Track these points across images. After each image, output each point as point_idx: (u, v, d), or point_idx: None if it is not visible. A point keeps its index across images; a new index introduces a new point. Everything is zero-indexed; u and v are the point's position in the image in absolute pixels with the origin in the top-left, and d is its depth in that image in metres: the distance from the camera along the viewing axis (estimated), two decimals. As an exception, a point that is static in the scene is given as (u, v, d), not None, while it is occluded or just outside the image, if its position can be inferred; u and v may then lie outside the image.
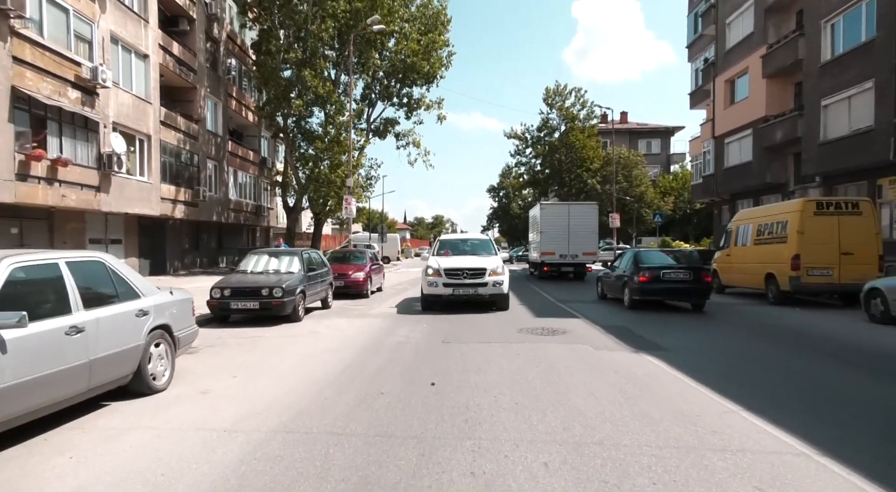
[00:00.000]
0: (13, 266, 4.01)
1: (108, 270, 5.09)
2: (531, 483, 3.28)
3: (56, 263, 4.47)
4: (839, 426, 4.40)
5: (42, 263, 4.36)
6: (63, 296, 4.36)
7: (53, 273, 4.39)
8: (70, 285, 4.45)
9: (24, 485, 3.33)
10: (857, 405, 5.07)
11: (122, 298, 5.06)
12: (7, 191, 13.27)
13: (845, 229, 12.44)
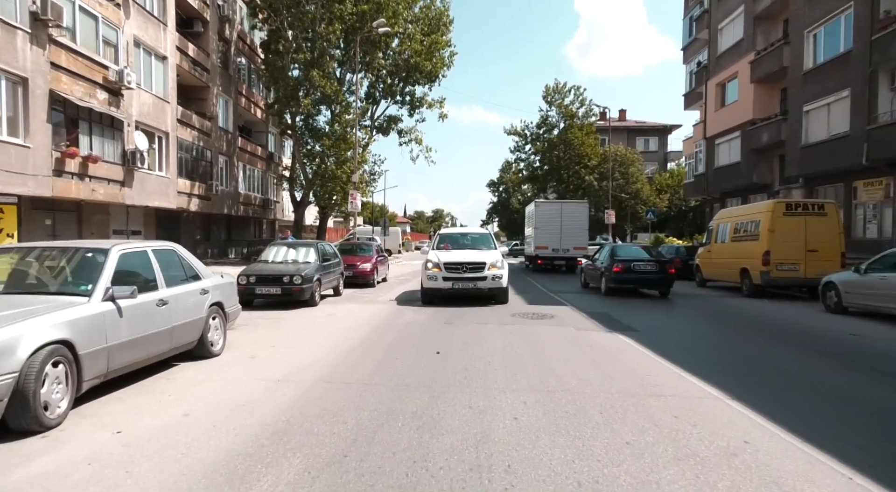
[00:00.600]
0: (120, 252, 5.24)
1: (179, 256, 6.33)
2: (512, 413, 4.52)
3: (145, 251, 5.70)
4: (756, 385, 5.64)
5: (137, 250, 5.59)
6: (152, 276, 5.59)
7: (144, 258, 5.63)
8: (156, 268, 5.68)
9: (146, 410, 4.57)
10: (778, 372, 6.32)
11: (189, 279, 6.30)
12: (46, 186, 14.48)
13: (811, 229, 13.68)
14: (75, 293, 4.74)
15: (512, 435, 3.99)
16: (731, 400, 4.92)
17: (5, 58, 13.01)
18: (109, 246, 5.26)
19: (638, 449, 3.73)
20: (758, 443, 3.88)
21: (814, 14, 20.61)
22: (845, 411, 4.81)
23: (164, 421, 4.30)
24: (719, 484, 3.21)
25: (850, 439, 3.98)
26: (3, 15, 12.95)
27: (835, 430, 4.20)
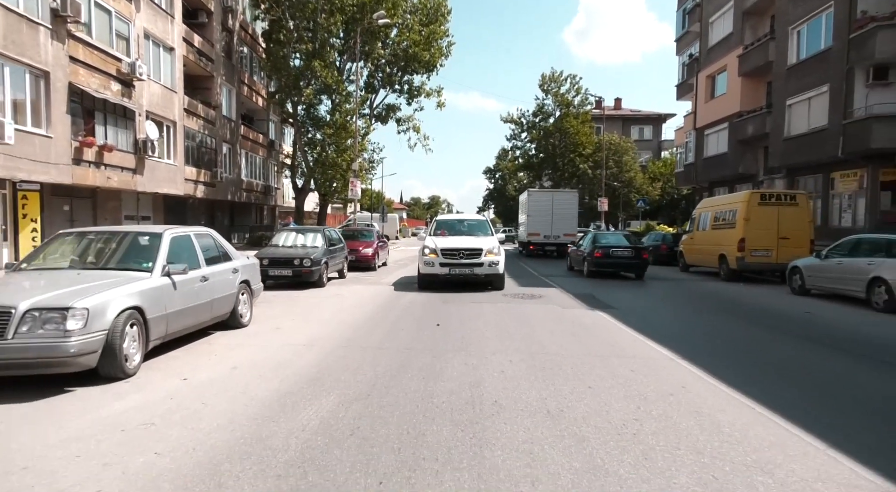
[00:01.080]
0: (171, 236, 6.21)
1: (214, 239, 7.29)
2: (500, 368, 5.53)
3: (189, 235, 6.67)
4: (707, 350, 6.68)
5: (183, 234, 6.55)
6: (195, 256, 6.55)
7: (188, 241, 6.59)
8: (197, 249, 6.65)
9: (200, 365, 5.56)
10: (730, 341, 7.37)
11: (223, 259, 7.26)
12: (66, 174, 15.34)
13: (783, 218, 14.72)
14: (139, 269, 5.71)
15: (499, 382, 5.01)
16: (682, 360, 5.96)
17: (29, 53, 13.79)
18: (162, 231, 6.22)
19: (597, 391, 4.76)
20: (692, 387, 4.92)
21: (797, 11, 21.47)
22: (774, 368, 5.86)
23: (217, 373, 5.31)
24: (654, 412, 4.23)
25: (766, 386, 5.02)
26: (27, 12, 13.70)
27: (758, 380, 5.23)
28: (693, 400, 4.56)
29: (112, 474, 3.11)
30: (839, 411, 4.47)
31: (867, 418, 4.30)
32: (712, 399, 4.59)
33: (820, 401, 4.72)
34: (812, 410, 4.39)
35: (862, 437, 3.83)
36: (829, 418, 4.21)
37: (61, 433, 3.73)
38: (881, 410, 4.55)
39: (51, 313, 4.45)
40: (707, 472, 3.19)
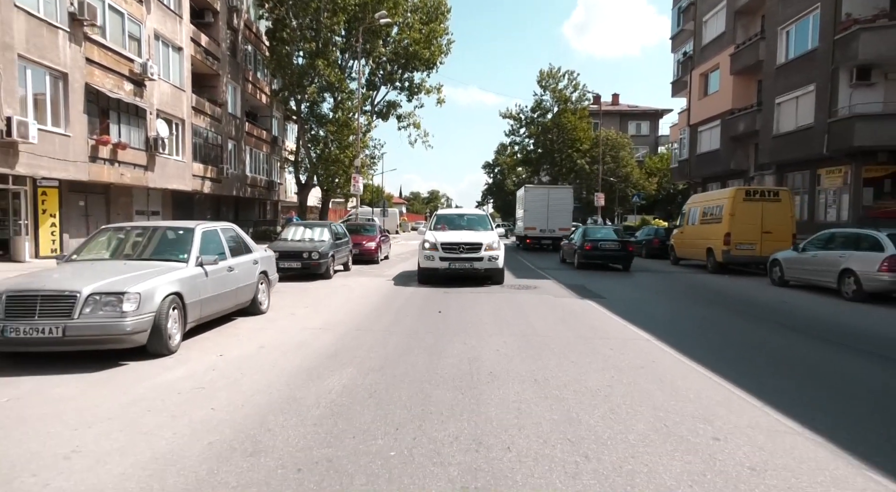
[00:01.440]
0: (201, 230, 6.95)
1: (237, 233, 8.03)
2: (495, 347, 6.28)
3: (216, 229, 7.40)
4: (681, 333, 7.44)
5: (211, 229, 7.29)
6: (222, 248, 7.29)
7: (216, 235, 7.33)
8: (224, 242, 7.39)
9: (231, 345, 6.31)
10: (705, 326, 8.13)
11: (245, 252, 8.00)
12: (83, 171, 16.04)
13: (767, 213, 15.48)
14: (176, 260, 6.45)
15: (494, 358, 5.77)
16: (656, 341, 6.72)
17: (49, 56, 14.47)
18: (194, 225, 6.96)
19: (578, 365, 5.52)
20: (660, 361, 5.68)
21: (786, 12, 22.13)
22: (738, 346, 6.63)
23: (247, 351, 6.06)
24: (624, 380, 4.99)
25: (727, 361, 5.78)
26: (47, 16, 14.36)
27: (720, 357, 5.99)
28: (659, 371, 5.32)
29: (180, 423, 3.86)
30: (786, 379, 5.23)
31: (805, 382, 5.06)
32: (676, 370, 5.35)
33: (771, 372, 5.49)
34: (762, 379, 5.15)
35: (797, 397, 4.59)
36: (774, 385, 4.97)
37: (129, 395, 4.48)
38: (823, 378, 5.31)
39: (109, 297, 5.20)
40: (660, 422, 3.95)
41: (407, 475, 3.07)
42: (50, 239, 15.58)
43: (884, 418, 4.21)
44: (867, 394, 4.89)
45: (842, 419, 4.11)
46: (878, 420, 4.16)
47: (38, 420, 3.91)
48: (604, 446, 3.50)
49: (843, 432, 3.79)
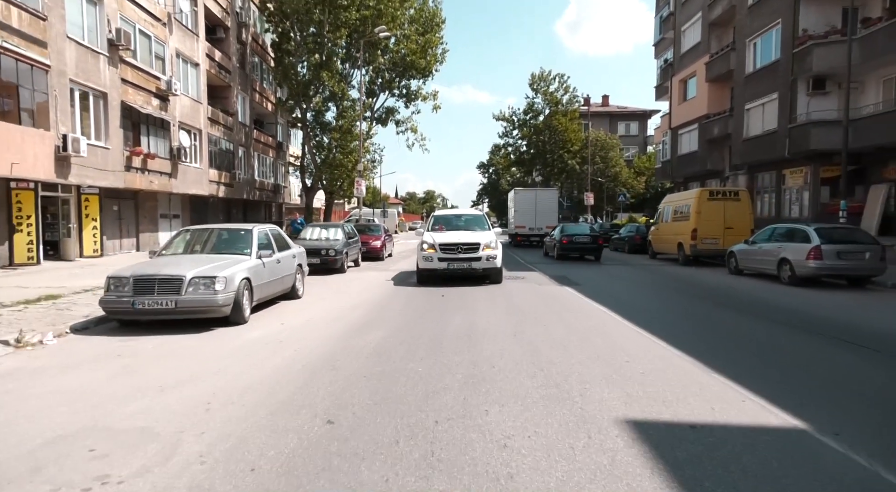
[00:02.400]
0: (257, 230, 8.91)
1: (280, 232, 10.00)
2: (487, 319, 8.24)
3: (266, 230, 9.36)
4: (634, 308, 9.43)
5: (262, 229, 9.25)
6: (270, 244, 9.24)
7: (266, 234, 9.28)
8: (271, 239, 9.34)
9: (284, 318, 8.25)
10: (657, 304, 10.12)
11: (286, 248, 9.96)
12: (119, 179, 17.93)
13: (728, 211, 17.49)
14: (241, 253, 8.40)
15: (486, 324, 7.74)
16: (611, 313, 8.71)
17: (93, 78, 16.35)
18: (252, 227, 8.93)
19: (547, 327, 7.49)
20: (610, 326, 7.68)
21: (753, 25, 24.20)
22: (680, 318, 8.62)
23: (299, 321, 8.02)
24: (579, 335, 6.97)
25: (665, 327, 7.75)
26: (91, 44, 16.24)
27: (662, 324, 7.97)
28: (606, 330, 7.31)
29: (278, 357, 5.82)
30: (701, 337, 7.22)
31: (713, 338, 7.05)
32: (619, 330, 7.35)
33: (691, 332, 7.47)
34: (682, 337, 7.11)
35: (700, 345, 6.56)
36: (688, 339, 6.94)
37: (231, 346, 6.44)
38: (729, 336, 7.31)
39: (205, 280, 7.15)
40: (595, 354, 5.93)
41: (431, 380, 5.04)
42: (92, 240, 17.46)
43: (753, 354, 6.20)
44: (754, 345, 6.87)
45: (724, 356, 6.08)
46: (747, 355, 6.16)
47: (186, 357, 5.88)
48: (553, 365, 5.49)
49: (719, 361, 5.75)
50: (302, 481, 3.08)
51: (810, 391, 4.78)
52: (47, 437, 3.73)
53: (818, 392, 4.79)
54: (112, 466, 3.27)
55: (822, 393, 4.78)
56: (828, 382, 5.15)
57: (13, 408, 4.40)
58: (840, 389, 4.93)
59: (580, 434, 3.72)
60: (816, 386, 4.98)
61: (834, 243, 11.82)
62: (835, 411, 4.24)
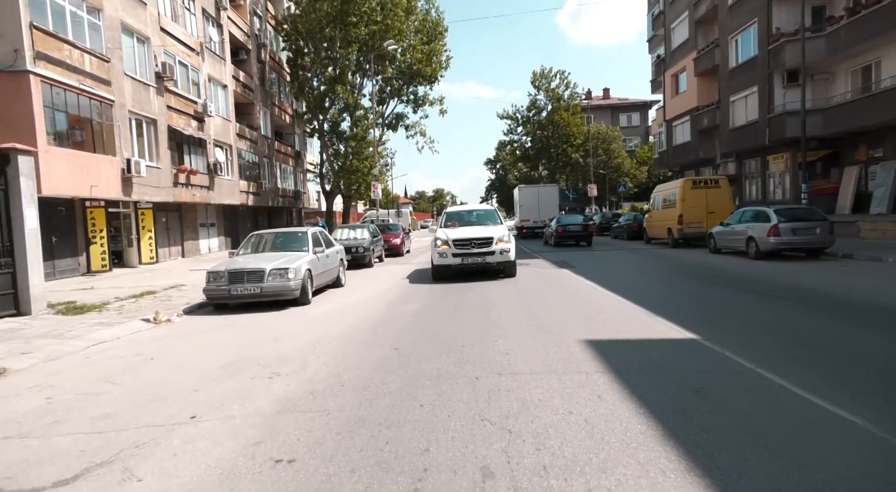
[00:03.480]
0: (311, 231, 11.23)
1: (325, 233, 12.31)
2: (498, 293, 10.47)
3: (317, 231, 11.69)
4: (619, 283, 11.60)
5: (314, 231, 11.57)
6: (321, 242, 11.54)
7: (317, 235, 11.60)
8: (321, 239, 11.65)
9: (336, 300, 10.54)
10: (641, 278, 12.28)
11: (330, 245, 12.26)
12: (169, 194, 20.37)
13: (710, 197, 19.52)
14: (300, 250, 10.71)
15: (497, 297, 9.96)
16: (597, 286, 10.88)
17: (145, 108, 18.78)
18: (306, 229, 11.27)
19: (544, 297, 9.70)
20: (593, 294, 9.87)
21: (734, 24, 26.11)
22: (655, 287, 10.77)
23: (349, 301, 10.30)
24: (567, 300, 9.18)
25: (639, 294, 9.91)
26: (142, 78, 18.66)
27: (638, 293, 10.13)
28: (589, 296, 9.51)
29: (343, 323, 8.10)
30: (667, 300, 9.38)
31: (676, 299, 9.20)
32: (601, 297, 9.53)
33: (659, 297, 9.63)
34: (650, 299, 9.26)
35: (661, 304, 8.72)
36: (654, 301, 9.10)
37: (305, 318, 8.74)
38: (693, 300, 9.46)
39: (281, 271, 9.46)
40: (577, 311, 8.13)
41: (458, 328, 7.25)
42: (149, 249, 19.92)
43: (693, 306, 8.37)
44: (700, 301, 9.01)
45: (670, 308, 8.23)
46: (688, 307, 8.32)
47: (278, 325, 8.20)
48: (544, 318, 7.70)
49: (665, 311, 7.91)
50: (388, 372, 5.33)
51: (720, 325, 6.94)
52: (223, 362, 6.04)
53: (726, 325, 6.95)
54: (276, 370, 5.56)
55: (730, 327, 6.94)
56: (740, 320, 7.30)
57: (184, 352, 6.72)
58: (743, 323, 7.08)
59: (553, 347, 5.94)
60: (727, 322, 7.15)
61: (790, 222, 13.88)
62: (725, 334, 6.39)
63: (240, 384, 5.16)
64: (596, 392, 4.40)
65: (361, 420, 4.03)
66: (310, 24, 29.91)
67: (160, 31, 19.85)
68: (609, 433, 3.58)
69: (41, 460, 3.64)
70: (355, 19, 30.11)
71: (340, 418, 4.11)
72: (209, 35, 24.15)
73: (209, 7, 24.46)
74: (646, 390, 4.39)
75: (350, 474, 3.20)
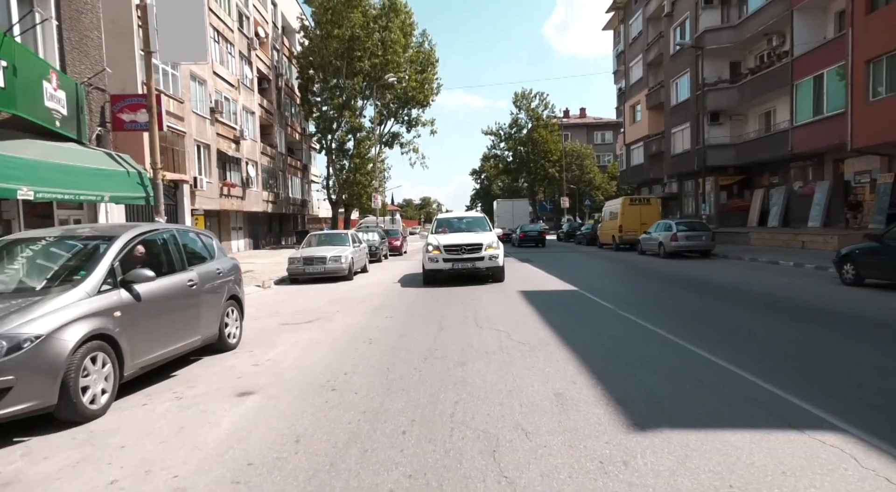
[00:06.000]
0: (350, 233, 16.54)
1: (354, 234, 17.62)
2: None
3: (348, 233, 17.03)
4: (561, 271, 17.03)
5: (351, 231, 16.87)
6: (356, 239, 16.83)
7: (347, 235, 16.92)
8: (350, 239, 16.96)
9: (364, 281, 15.81)
10: (579, 269, 17.76)
11: (357, 242, 17.54)
12: (217, 204, 25.44)
13: (643, 212, 25.12)
14: (343, 245, 15.98)
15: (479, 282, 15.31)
16: (544, 272, 16.27)
17: (204, 136, 23.88)
18: (345, 232, 16.59)
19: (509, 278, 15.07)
20: (541, 277, 15.26)
21: (673, 70, 31.97)
22: (586, 273, 16.20)
23: (374, 280, 15.55)
24: (521, 277, 14.56)
25: (574, 275, 15.30)
26: (202, 112, 23.79)
27: (571, 275, 15.52)
28: (534, 277, 14.89)
29: (381, 288, 13.37)
30: (584, 276, 14.76)
31: (591, 276, 14.60)
32: (540, 276, 14.92)
33: (584, 274, 15.01)
34: (573, 276, 14.60)
35: (577, 278, 14.10)
36: (577, 278, 14.48)
37: (352, 286, 13.99)
38: (600, 274, 14.88)
39: (336, 257, 14.73)
40: (524, 280, 13.49)
41: (451, 309, 12.57)
42: (200, 247, 24.92)
43: (594, 276, 13.77)
44: (601, 274, 14.39)
45: (580, 278, 13.59)
46: (591, 277, 13.72)
47: (338, 289, 13.46)
48: (504, 286, 13.07)
49: (575, 281, 13.28)
50: (416, 303, 10.61)
51: (607, 289, 12.31)
52: (327, 300, 11.29)
53: (611, 289, 12.30)
54: (338, 309, 10.82)
55: (615, 290, 12.28)
56: (623, 287, 12.67)
57: (301, 297, 11.94)
58: (625, 289, 12.47)
59: (505, 295, 11.30)
60: (613, 287, 12.53)
61: (686, 231, 19.46)
62: (606, 293, 11.74)
63: (345, 307, 10.43)
64: (517, 305, 9.75)
65: (412, 314, 9.34)
66: (321, 58, 35.25)
67: (213, 75, 24.97)
68: (518, 316, 8.92)
69: (289, 318, 8.88)
70: (360, 54, 35.51)
71: (403, 313, 9.43)
72: (244, 73, 29.31)
73: (244, 49, 29.64)
74: (541, 305, 9.76)
75: (412, 324, 8.49)
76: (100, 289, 4.56)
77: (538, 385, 4.92)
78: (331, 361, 6.11)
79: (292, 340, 7.44)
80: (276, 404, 4.63)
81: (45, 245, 5.04)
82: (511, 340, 6.98)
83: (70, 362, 4.05)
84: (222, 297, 6.51)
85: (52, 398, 3.99)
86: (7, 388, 3.75)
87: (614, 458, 3.36)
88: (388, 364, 5.88)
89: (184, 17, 10.22)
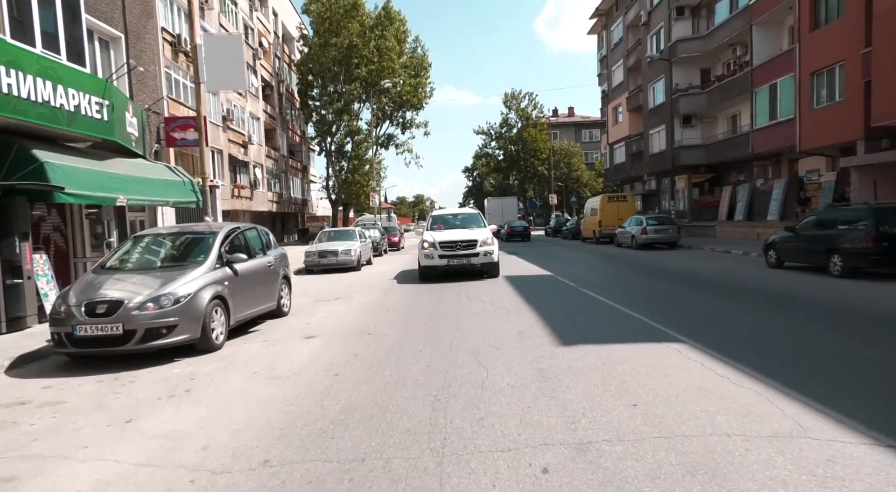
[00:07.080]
0: (357, 230, 18.84)
1: (363, 231, 19.90)
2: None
3: (358, 229, 19.30)
4: (546, 262, 19.40)
5: (357, 228, 19.15)
6: (362, 235, 19.13)
7: (358, 231, 19.21)
8: (362, 233, 19.25)
9: (375, 270, 18.10)
10: (560, 259, 20.13)
11: (364, 238, 19.83)
12: (229, 204, 27.59)
13: (620, 208, 27.51)
14: (352, 240, 18.28)
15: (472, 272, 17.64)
16: (532, 265, 18.61)
17: (217, 142, 26.03)
18: (355, 228, 18.86)
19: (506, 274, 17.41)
20: (530, 269, 17.63)
21: (650, 75, 34.37)
22: (570, 265, 18.56)
23: (382, 270, 17.85)
24: (508, 266, 16.92)
25: (558, 267, 17.65)
26: (216, 121, 25.93)
27: (555, 267, 17.86)
28: (519, 267, 17.24)
29: (389, 276, 15.69)
30: (560, 264, 17.12)
31: (566, 264, 16.95)
32: (524, 265, 17.28)
33: (567, 266, 17.36)
34: (551, 265, 16.94)
35: (556, 267, 16.44)
36: (554, 266, 16.81)
37: (363, 275, 16.28)
38: (575, 263, 17.23)
39: (346, 250, 17.04)
40: (510, 269, 15.84)
41: (448, 289, 14.88)
42: (215, 244, 27.10)
43: (568, 264, 16.12)
44: (576, 262, 16.75)
45: (556, 266, 15.94)
46: (565, 265, 16.08)
47: (350, 277, 15.75)
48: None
49: (552, 268, 15.61)
50: (418, 289, 12.92)
51: (579, 274, 14.66)
52: (345, 284, 13.57)
53: (582, 275, 14.65)
54: (355, 291, 13.11)
55: (585, 275, 14.64)
56: (593, 273, 15.03)
57: (322, 283, 14.21)
58: (594, 274, 14.83)
59: (491, 280, 13.62)
60: (585, 273, 14.88)
61: (655, 225, 21.87)
62: (576, 277, 14.09)
63: (360, 290, 12.72)
64: (501, 286, 12.09)
65: (417, 292, 11.68)
66: (320, 65, 37.40)
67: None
68: (500, 293, 11.26)
69: (318, 297, 11.17)
70: (357, 61, 37.68)
71: (409, 292, 11.75)
72: (251, 81, 31.43)
73: (250, 59, 31.72)
74: (520, 285, 12.09)
75: (418, 299, 10.84)
76: (214, 266, 6.86)
77: (508, 329, 7.26)
78: (361, 321, 8.41)
79: (327, 310, 9.74)
80: (334, 341, 6.94)
81: (173, 237, 7.34)
82: (493, 307, 9.31)
83: (206, 312, 6.35)
84: (279, 276, 8.80)
85: (197, 333, 6.29)
86: (174, 325, 6.05)
87: (546, 355, 5.71)
88: (404, 321, 8.20)
89: (225, 54, 12.41)
